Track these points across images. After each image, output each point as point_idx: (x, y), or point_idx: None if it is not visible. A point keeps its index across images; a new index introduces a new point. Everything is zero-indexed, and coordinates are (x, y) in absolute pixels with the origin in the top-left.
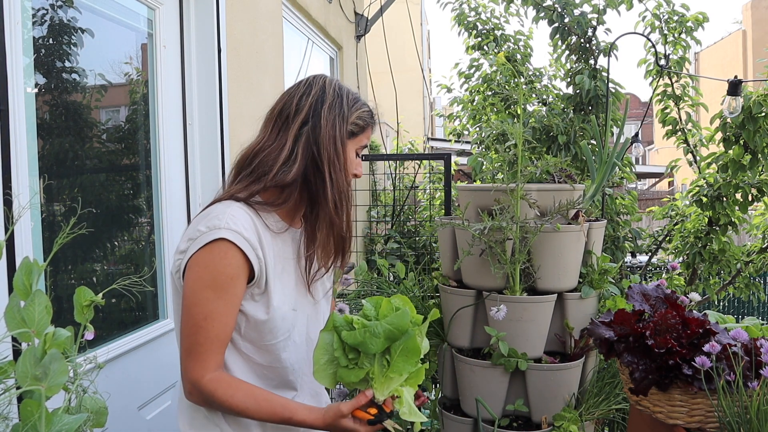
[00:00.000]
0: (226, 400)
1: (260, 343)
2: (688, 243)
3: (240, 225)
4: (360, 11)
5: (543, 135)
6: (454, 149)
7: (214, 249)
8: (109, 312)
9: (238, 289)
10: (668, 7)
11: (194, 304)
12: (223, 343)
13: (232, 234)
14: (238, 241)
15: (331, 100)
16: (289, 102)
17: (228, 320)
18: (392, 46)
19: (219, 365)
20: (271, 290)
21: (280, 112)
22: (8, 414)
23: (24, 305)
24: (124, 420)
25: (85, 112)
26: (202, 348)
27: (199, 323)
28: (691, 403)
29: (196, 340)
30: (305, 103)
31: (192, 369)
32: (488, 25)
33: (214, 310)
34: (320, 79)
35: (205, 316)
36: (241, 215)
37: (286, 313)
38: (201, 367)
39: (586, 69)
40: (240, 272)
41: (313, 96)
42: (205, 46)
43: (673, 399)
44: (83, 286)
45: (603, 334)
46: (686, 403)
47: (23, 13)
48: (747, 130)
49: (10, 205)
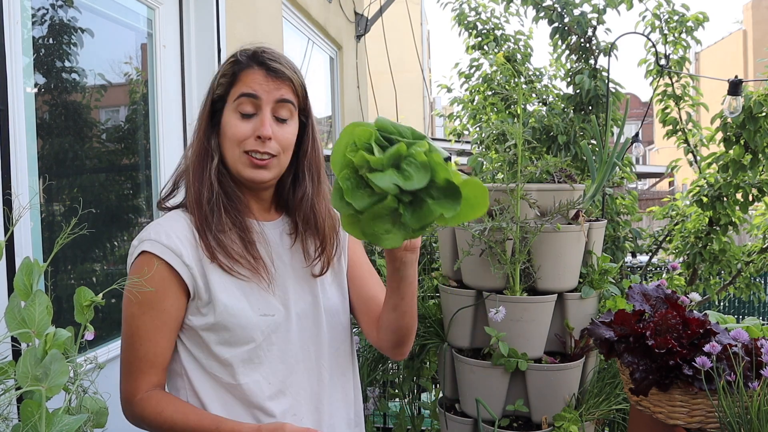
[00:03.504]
0: (155, 418)
1: (221, 358)
2: (689, 243)
3: (163, 233)
4: (360, 11)
5: (543, 135)
6: (454, 149)
7: (139, 263)
8: (109, 312)
9: (167, 303)
10: (668, 6)
11: (123, 321)
12: (155, 364)
13: (152, 244)
14: (158, 251)
15: (213, 76)
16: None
17: (157, 339)
18: (392, 46)
19: (154, 386)
20: (216, 293)
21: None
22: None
23: (24, 305)
24: (125, 420)
25: (84, 112)
26: (132, 367)
27: (127, 341)
28: (691, 403)
29: (126, 358)
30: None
31: (124, 389)
32: (488, 24)
33: (140, 326)
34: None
35: (132, 334)
36: (171, 221)
37: (248, 318)
38: (132, 387)
39: (586, 69)
40: (166, 285)
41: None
42: (204, 46)
43: (674, 399)
44: (83, 287)
45: (603, 334)
46: (686, 404)
47: (23, 12)
48: (747, 130)
49: (10, 205)
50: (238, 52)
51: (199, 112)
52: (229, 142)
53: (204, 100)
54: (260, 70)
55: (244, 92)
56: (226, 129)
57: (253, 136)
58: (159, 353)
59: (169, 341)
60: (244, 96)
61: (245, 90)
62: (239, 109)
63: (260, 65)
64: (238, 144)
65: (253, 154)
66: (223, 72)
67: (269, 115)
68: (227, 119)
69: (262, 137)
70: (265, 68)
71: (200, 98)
